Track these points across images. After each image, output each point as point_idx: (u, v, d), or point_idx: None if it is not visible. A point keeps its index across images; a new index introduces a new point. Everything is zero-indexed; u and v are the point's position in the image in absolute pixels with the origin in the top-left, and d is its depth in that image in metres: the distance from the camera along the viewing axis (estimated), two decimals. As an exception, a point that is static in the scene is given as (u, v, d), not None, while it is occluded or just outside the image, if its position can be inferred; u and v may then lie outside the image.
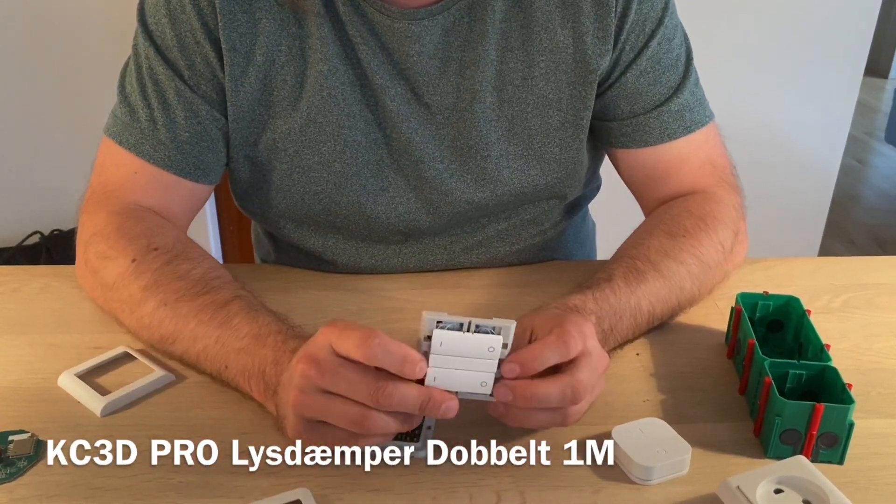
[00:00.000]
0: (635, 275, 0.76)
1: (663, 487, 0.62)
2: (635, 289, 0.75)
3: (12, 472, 0.63)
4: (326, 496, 0.61)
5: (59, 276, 0.90)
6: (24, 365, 0.75)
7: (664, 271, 0.78)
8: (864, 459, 0.65)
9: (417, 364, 0.58)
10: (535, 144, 0.86)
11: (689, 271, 0.79)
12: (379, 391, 0.57)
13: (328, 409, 0.59)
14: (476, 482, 0.62)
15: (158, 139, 0.82)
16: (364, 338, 0.58)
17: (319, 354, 0.59)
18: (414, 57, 0.81)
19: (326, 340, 0.60)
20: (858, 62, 2.09)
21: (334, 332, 0.59)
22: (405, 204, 0.88)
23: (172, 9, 0.80)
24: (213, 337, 0.69)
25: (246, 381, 0.67)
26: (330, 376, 0.58)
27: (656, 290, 0.77)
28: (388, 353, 0.58)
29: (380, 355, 0.58)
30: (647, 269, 0.77)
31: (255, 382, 0.66)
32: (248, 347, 0.67)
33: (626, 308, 0.74)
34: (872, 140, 3.87)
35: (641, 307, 0.75)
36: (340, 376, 0.58)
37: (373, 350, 0.58)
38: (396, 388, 0.58)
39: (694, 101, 0.87)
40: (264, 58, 0.81)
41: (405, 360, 0.58)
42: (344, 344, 0.59)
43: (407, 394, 0.58)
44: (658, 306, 0.77)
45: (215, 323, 0.70)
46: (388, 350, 0.58)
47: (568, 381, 0.61)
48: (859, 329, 0.83)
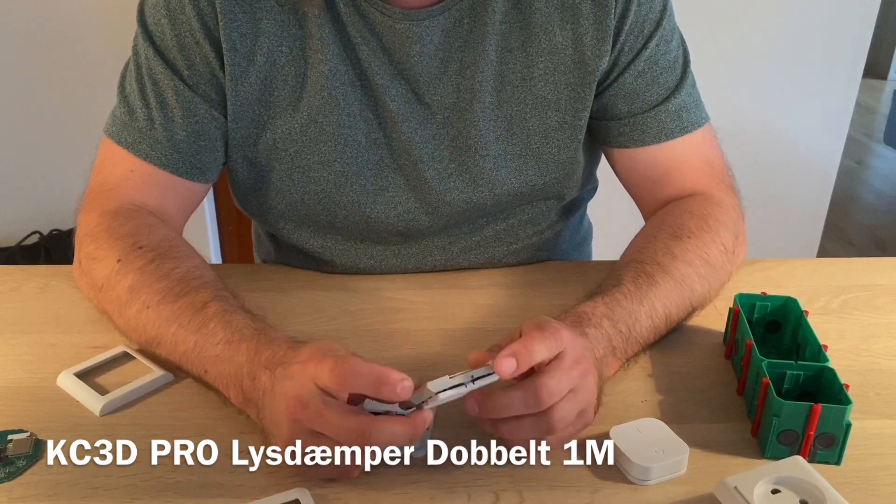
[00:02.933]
0: (645, 278, 0.76)
1: (661, 487, 0.62)
2: (647, 291, 0.75)
3: (11, 471, 0.63)
4: (325, 496, 0.61)
5: (58, 275, 0.90)
6: (22, 364, 0.75)
7: (674, 273, 0.77)
8: (861, 460, 0.65)
9: (398, 383, 0.57)
10: (534, 145, 0.86)
11: (698, 272, 0.79)
12: (362, 438, 0.57)
13: (319, 442, 0.59)
14: (474, 482, 0.62)
15: (155, 138, 0.82)
16: (333, 367, 0.58)
17: (304, 396, 0.59)
18: (415, 57, 0.81)
19: (309, 378, 0.59)
20: (857, 63, 2.10)
21: (312, 367, 0.59)
22: (404, 204, 0.88)
23: (172, 9, 0.80)
24: (192, 342, 0.69)
25: (224, 388, 0.67)
26: (317, 421, 0.58)
27: (668, 292, 0.76)
28: (360, 377, 0.58)
29: (351, 381, 0.58)
30: (657, 271, 0.77)
31: (234, 391, 0.66)
32: (223, 354, 0.67)
33: (641, 310, 0.74)
34: (871, 141, 3.87)
35: (656, 308, 0.75)
36: (325, 420, 0.58)
37: (343, 378, 0.57)
38: (381, 430, 0.57)
39: (691, 102, 0.88)
40: (265, 58, 0.81)
41: (380, 381, 0.57)
42: (321, 377, 0.59)
43: (393, 432, 0.58)
44: (672, 307, 0.77)
45: (193, 327, 0.69)
46: (360, 374, 0.57)
47: (529, 385, 0.60)
48: (857, 330, 0.83)
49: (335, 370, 0.58)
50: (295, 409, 0.59)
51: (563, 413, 0.61)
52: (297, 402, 0.59)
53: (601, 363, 0.68)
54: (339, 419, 0.58)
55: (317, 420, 0.58)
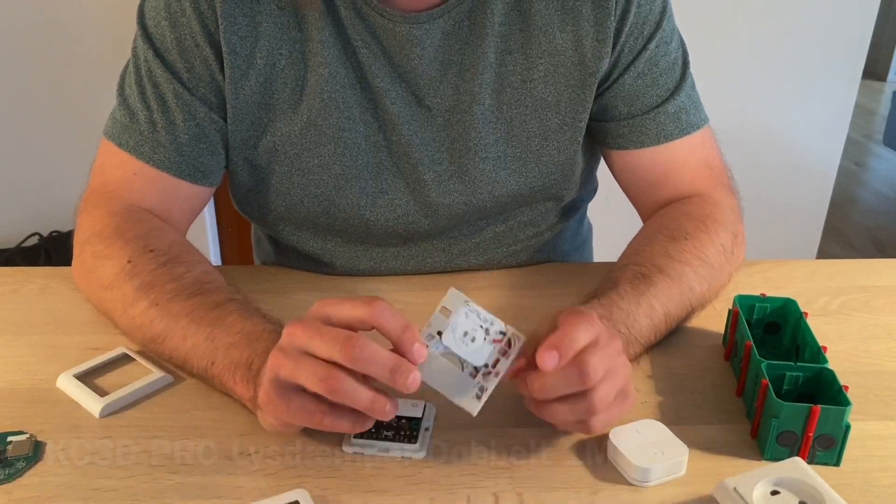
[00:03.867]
0: (642, 279, 0.76)
1: (660, 489, 0.62)
2: (644, 291, 0.75)
3: (11, 473, 0.63)
4: (324, 497, 0.61)
5: (58, 277, 0.90)
6: (22, 366, 0.75)
7: (671, 273, 0.77)
8: (860, 461, 0.65)
9: (416, 340, 0.59)
10: (534, 147, 0.86)
11: (696, 272, 0.79)
12: (349, 340, 0.57)
13: (299, 366, 0.58)
14: (474, 483, 0.62)
15: (158, 141, 0.82)
16: (369, 300, 0.59)
17: (307, 319, 0.60)
18: (415, 60, 0.82)
19: (321, 309, 0.60)
20: (857, 65, 2.10)
21: (331, 302, 0.60)
22: (403, 206, 0.88)
23: (172, 12, 0.80)
24: (205, 334, 0.69)
25: (231, 374, 0.66)
26: (310, 332, 0.58)
27: (665, 291, 0.76)
28: (394, 317, 0.58)
29: (385, 315, 0.58)
30: (653, 272, 0.77)
31: (241, 374, 0.66)
32: (240, 343, 0.67)
33: (639, 310, 0.73)
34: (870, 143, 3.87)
35: (655, 308, 0.75)
36: (318, 331, 0.58)
37: (379, 308, 0.58)
38: (368, 343, 0.57)
39: (690, 104, 0.88)
40: (265, 61, 0.81)
41: (406, 328, 0.59)
42: (343, 308, 0.59)
43: (377, 352, 0.58)
44: (671, 307, 0.76)
45: (208, 321, 0.69)
46: (395, 314, 0.59)
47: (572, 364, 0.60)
48: (856, 331, 0.83)
49: (371, 303, 0.59)
50: (292, 328, 0.59)
51: (603, 392, 0.61)
52: (295, 323, 0.60)
53: None
54: (333, 330, 0.58)
55: (309, 335, 0.58)
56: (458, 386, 0.61)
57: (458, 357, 0.61)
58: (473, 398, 0.61)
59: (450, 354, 0.61)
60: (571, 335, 0.60)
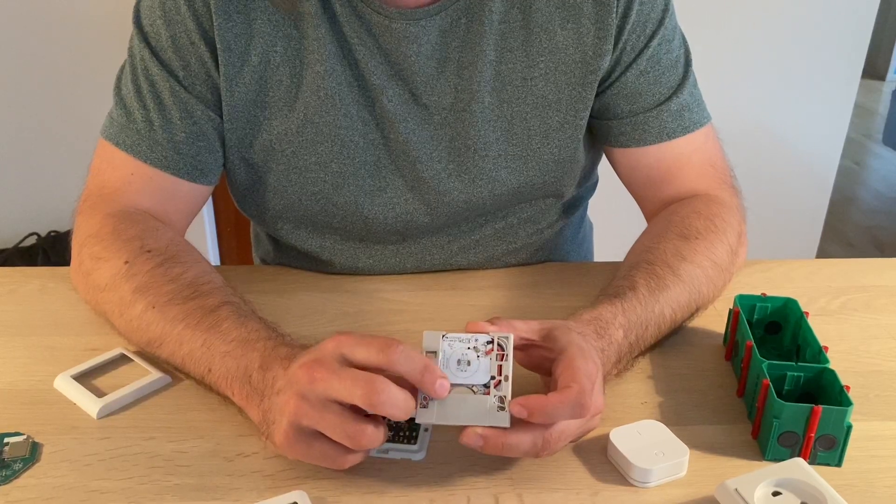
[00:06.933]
0: (657, 281, 0.76)
1: (661, 490, 0.62)
2: (658, 297, 0.75)
3: (7, 474, 0.63)
4: (323, 498, 0.61)
5: (56, 277, 0.90)
6: (19, 367, 0.75)
7: (683, 276, 0.77)
8: (862, 462, 0.65)
9: (438, 377, 0.58)
10: (534, 145, 0.86)
11: (706, 274, 0.79)
12: (369, 384, 0.56)
13: (324, 418, 0.57)
14: (473, 485, 0.62)
15: (155, 140, 0.82)
16: (387, 343, 0.58)
17: (326, 361, 0.58)
18: (412, 57, 0.81)
19: (338, 349, 0.59)
20: (856, 64, 2.10)
21: (349, 340, 0.59)
22: (402, 204, 0.87)
23: (167, 10, 0.80)
24: (200, 340, 0.68)
25: (228, 385, 0.66)
26: (329, 377, 0.57)
27: (677, 296, 0.76)
28: (411, 360, 0.58)
29: (402, 361, 0.57)
30: (667, 274, 0.77)
31: (239, 386, 0.65)
32: (235, 351, 0.66)
33: (652, 317, 0.74)
34: (870, 142, 3.88)
35: (665, 315, 0.75)
36: (337, 375, 0.57)
37: (396, 355, 0.57)
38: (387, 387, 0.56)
39: (693, 102, 0.88)
40: (260, 58, 0.80)
41: (426, 368, 0.58)
42: (361, 350, 0.58)
43: (397, 397, 0.56)
44: (679, 312, 0.77)
45: (203, 327, 0.69)
46: (411, 357, 0.58)
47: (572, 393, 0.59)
48: (857, 331, 0.83)
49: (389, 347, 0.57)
50: (314, 371, 0.57)
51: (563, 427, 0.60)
52: (316, 365, 0.58)
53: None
54: (355, 373, 0.57)
55: (334, 381, 0.57)
56: (478, 409, 0.60)
57: (464, 386, 0.60)
58: (498, 411, 0.60)
59: (456, 387, 0.60)
60: (550, 410, 0.58)
